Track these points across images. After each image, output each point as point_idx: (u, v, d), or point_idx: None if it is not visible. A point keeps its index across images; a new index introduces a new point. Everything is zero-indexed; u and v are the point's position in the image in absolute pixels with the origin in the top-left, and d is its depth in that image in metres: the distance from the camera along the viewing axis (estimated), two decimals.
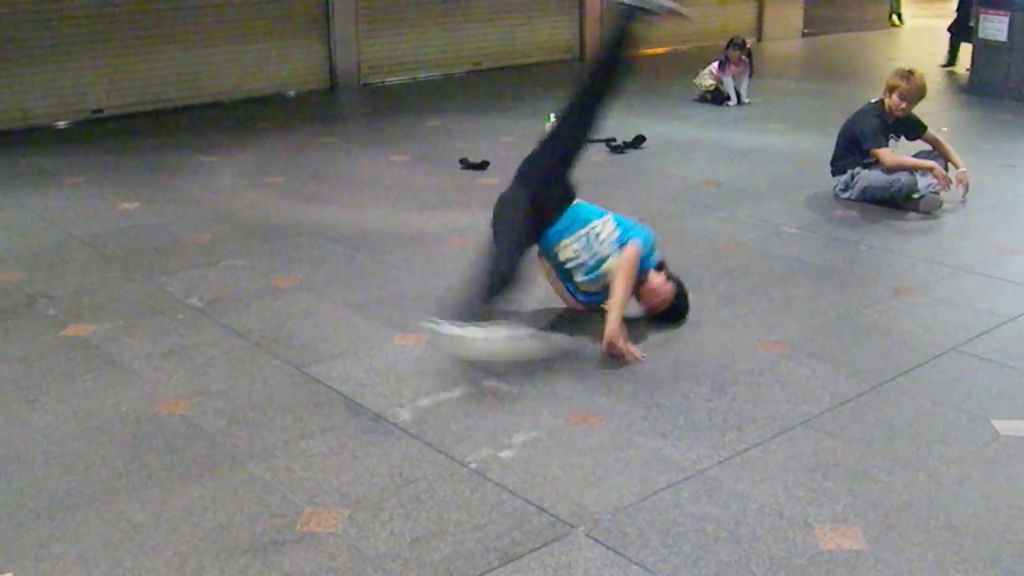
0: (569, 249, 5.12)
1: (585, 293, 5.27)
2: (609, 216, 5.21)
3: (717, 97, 11.57)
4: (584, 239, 5.09)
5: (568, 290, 5.32)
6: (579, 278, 5.17)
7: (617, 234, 5.11)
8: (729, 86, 11.41)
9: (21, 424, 4.29)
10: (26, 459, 3.99)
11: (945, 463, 3.94)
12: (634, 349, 4.86)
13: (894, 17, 20.24)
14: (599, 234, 5.10)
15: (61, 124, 10.89)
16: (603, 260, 5.06)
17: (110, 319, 5.40)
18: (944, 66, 14.66)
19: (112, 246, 6.63)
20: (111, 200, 7.69)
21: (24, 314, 5.51)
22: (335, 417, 4.30)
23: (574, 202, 5.23)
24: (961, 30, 14.40)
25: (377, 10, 13.26)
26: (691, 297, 5.42)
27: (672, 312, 5.28)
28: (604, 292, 5.07)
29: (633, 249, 5.01)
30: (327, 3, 12.69)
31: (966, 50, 13.63)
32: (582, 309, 5.34)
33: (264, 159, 9.04)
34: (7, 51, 10.57)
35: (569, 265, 5.16)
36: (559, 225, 5.12)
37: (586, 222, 5.14)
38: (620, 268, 4.97)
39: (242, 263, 6.24)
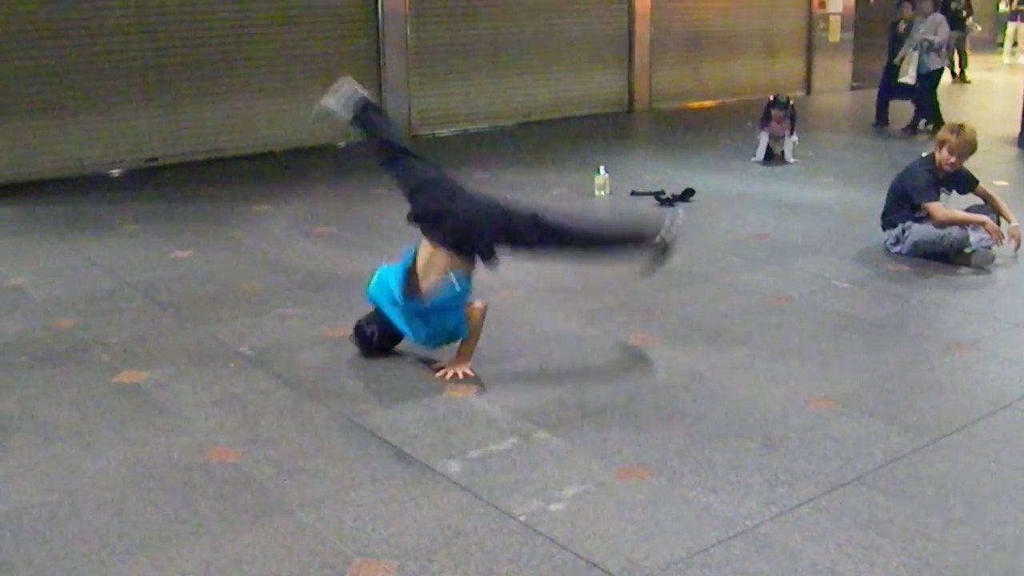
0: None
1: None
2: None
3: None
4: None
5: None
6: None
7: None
8: (762, 143, 11.35)
9: (74, 469, 4.32)
10: (78, 504, 4.02)
11: (1001, 522, 3.89)
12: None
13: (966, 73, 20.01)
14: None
15: (116, 172, 11.06)
16: None
17: (162, 366, 5.45)
18: (875, 125, 14.20)
19: (165, 294, 6.70)
20: (165, 248, 7.78)
21: (78, 360, 5.57)
22: (385, 467, 4.31)
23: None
24: (889, 84, 14.04)
25: (428, 62, 13.39)
26: (743, 351, 5.42)
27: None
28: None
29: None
30: (379, 54, 12.83)
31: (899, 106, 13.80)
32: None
33: (316, 209, 9.12)
34: (64, 100, 10.76)
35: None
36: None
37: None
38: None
39: (293, 312, 6.28)
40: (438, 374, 5.27)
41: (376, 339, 5.48)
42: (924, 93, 13.42)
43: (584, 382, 5.17)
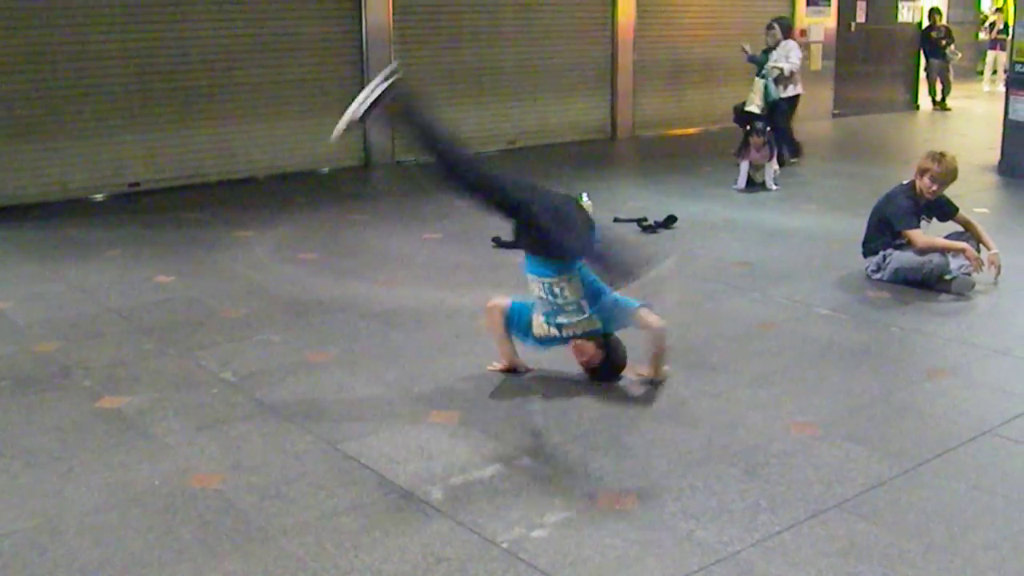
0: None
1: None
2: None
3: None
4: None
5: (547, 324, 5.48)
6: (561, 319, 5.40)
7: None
8: (743, 171, 11.39)
9: (55, 495, 4.31)
10: (59, 530, 4.01)
11: (982, 548, 3.90)
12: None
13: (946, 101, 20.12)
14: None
15: (99, 197, 11.05)
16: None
17: (144, 392, 5.44)
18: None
19: (148, 319, 6.69)
20: (147, 273, 7.78)
21: (60, 385, 5.56)
22: (367, 494, 4.30)
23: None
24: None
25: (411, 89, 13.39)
26: (725, 377, 5.45)
27: (598, 372, 5.54)
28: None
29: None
30: (362, 82, 12.84)
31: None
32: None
33: (299, 235, 9.13)
34: (47, 124, 10.75)
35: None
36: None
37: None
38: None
39: (276, 338, 6.28)
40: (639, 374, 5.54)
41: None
42: (778, 123, 12.81)
43: (566, 408, 5.18)
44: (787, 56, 12.98)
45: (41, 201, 10.63)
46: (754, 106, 12.88)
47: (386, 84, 5.40)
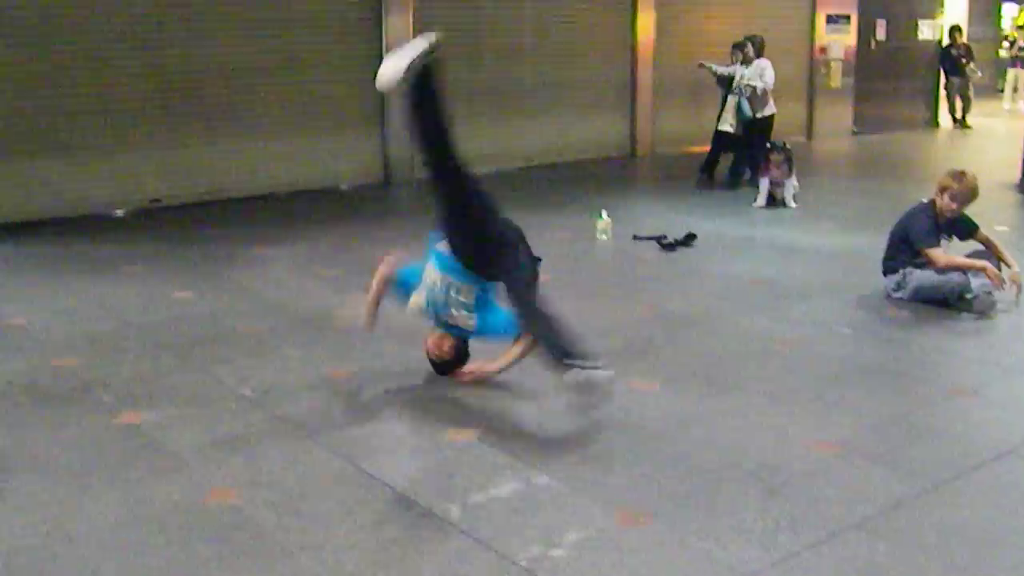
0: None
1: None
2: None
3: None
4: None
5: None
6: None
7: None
8: (763, 188, 11.39)
9: (73, 510, 4.32)
10: (78, 545, 4.01)
11: (1003, 569, 3.87)
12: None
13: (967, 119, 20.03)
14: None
15: (119, 212, 11.09)
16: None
17: (163, 407, 5.45)
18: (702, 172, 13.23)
19: (167, 334, 6.70)
20: (166, 289, 7.80)
21: (79, 400, 5.57)
22: (386, 511, 4.30)
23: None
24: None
25: None
26: (743, 395, 5.45)
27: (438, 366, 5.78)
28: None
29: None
30: (382, 98, 12.88)
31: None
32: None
33: (318, 251, 9.15)
34: (68, 141, 10.81)
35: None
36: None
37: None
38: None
39: (295, 354, 6.29)
40: (463, 375, 5.68)
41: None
42: (753, 141, 12.65)
43: (585, 427, 5.17)
44: (761, 75, 12.79)
45: (62, 216, 10.68)
46: (727, 125, 12.85)
47: (426, 48, 5.43)
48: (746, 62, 12.90)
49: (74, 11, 10.73)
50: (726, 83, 12.99)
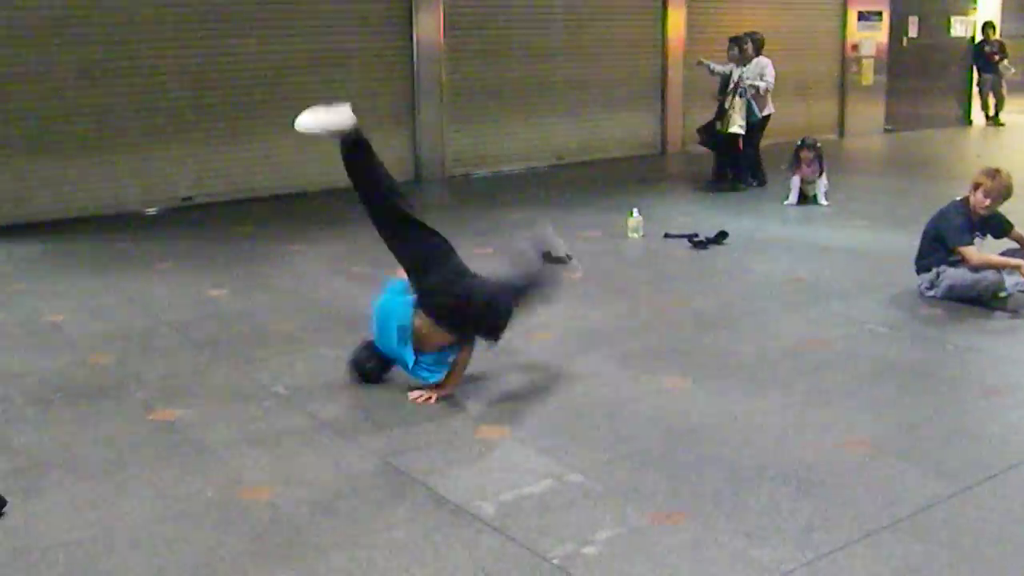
0: None
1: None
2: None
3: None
4: None
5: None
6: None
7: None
8: (794, 186, 11.33)
9: (108, 506, 4.35)
10: (113, 541, 4.04)
11: None
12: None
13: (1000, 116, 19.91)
14: None
15: (152, 211, 11.17)
16: None
17: (197, 404, 5.48)
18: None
19: (200, 332, 6.74)
20: (199, 287, 7.85)
21: (114, 397, 5.61)
22: (418, 508, 4.30)
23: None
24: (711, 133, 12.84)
25: (462, 104, 13.48)
26: (777, 394, 5.44)
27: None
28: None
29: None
30: (413, 96, 12.92)
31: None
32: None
33: (350, 249, 9.17)
34: (101, 139, 10.90)
35: None
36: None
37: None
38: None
39: (328, 352, 6.30)
40: (416, 398, 5.47)
41: (373, 372, 5.71)
42: (750, 142, 12.52)
43: (617, 425, 5.16)
44: (762, 74, 12.45)
45: (95, 214, 10.77)
46: (736, 127, 12.37)
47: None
48: (745, 61, 12.55)
49: (106, 12, 10.79)
50: (725, 80, 12.68)
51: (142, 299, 7.54)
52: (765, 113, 12.64)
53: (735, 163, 12.62)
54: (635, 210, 9.61)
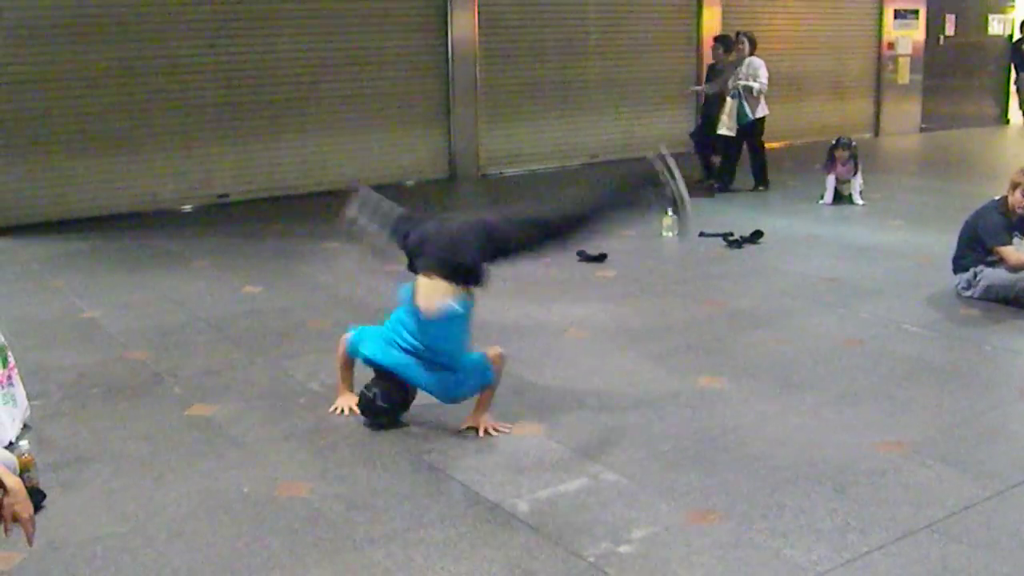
0: None
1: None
2: None
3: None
4: None
5: None
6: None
7: None
8: (829, 185, 11.27)
9: (145, 501, 4.38)
10: (151, 535, 4.07)
11: None
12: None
13: None
14: None
15: (187, 208, 11.24)
16: None
17: (233, 400, 5.51)
18: (700, 182, 12.34)
19: (236, 329, 6.78)
20: (236, 283, 7.89)
21: (151, 392, 5.65)
22: (454, 506, 4.32)
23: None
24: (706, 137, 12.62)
25: (496, 103, 13.50)
26: (812, 394, 5.43)
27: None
28: None
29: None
30: (448, 95, 12.95)
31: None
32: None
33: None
34: (138, 137, 10.97)
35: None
36: None
37: None
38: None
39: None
40: (473, 427, 5.11)
41: (380, 399, 5.10)
42: (751, 146, 12.34)
43: (652, 424, 5.16)
44: (755, 75, 12.07)
45: (132, 211, 10.85)
46: (726, 129, 12.10)
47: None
48: (739, 61, 12.19)
49: (143, 10, 10.87)
50: (717, 96, 12.33)
51: (179, 296, 7.59)
52: (759, 115, 12.25)
53: (722, 166, 12.42)
54: (670, 209, 9.57)
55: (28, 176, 10.50)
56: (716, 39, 12.65)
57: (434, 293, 5.08)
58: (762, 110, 12.28)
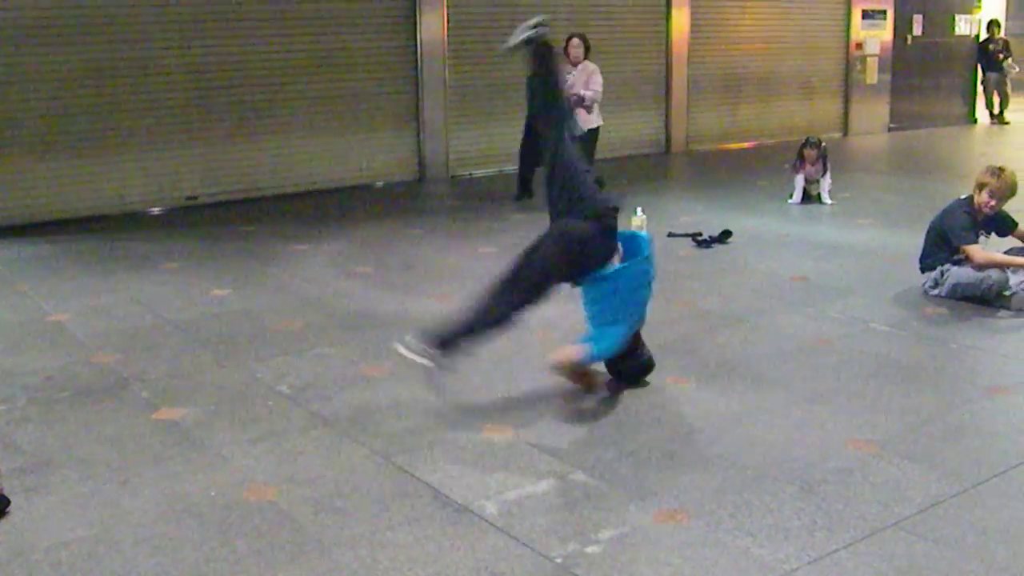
0: None
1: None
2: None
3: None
4: None
5: None
6: None
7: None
8: (798, 185, 11.29)
9: (112, 506, 4.35)
10: (116, 540, 4.04)
11: None
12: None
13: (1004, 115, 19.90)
14: None
15: (156, 210, 11.18)
16: None
17: (201, 404, 5.49)
18: (517, 198, 11.64)
19: (204, 331, 6.75)
20: (204, 286, 7.85)
21: (117, 396, 5.61)
22: (421, 508, 4.31)
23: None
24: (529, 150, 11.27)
25: (465, 103, 13.49)
26: (780, 393, 5.45)
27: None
28: None
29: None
30: (417, 96, 12.93)
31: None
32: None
33: (354, 248, 9.18)
34: (106, 138, 10.91)
35: None
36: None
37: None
38: None
39: (332, 351, 6.31)
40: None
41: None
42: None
43: (621, 424, 5.16)
44: (588, 82, 11.15)
45: (99, 214, 10.78)
46: None
47: (533, 31, 5.70)
48: (572, 62, 11.20)
49: (112, 11, 10.80)
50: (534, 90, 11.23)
51: (146, 299, 7.55)
52: (594, 125, 11.31)
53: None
54: (639, 209, 9.59)
55: None
56: (558, 42, 10.71)
57: None
58: (595, 120, 11.39)
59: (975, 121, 20.16)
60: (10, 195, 10.47)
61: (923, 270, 7.52)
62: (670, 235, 9.44)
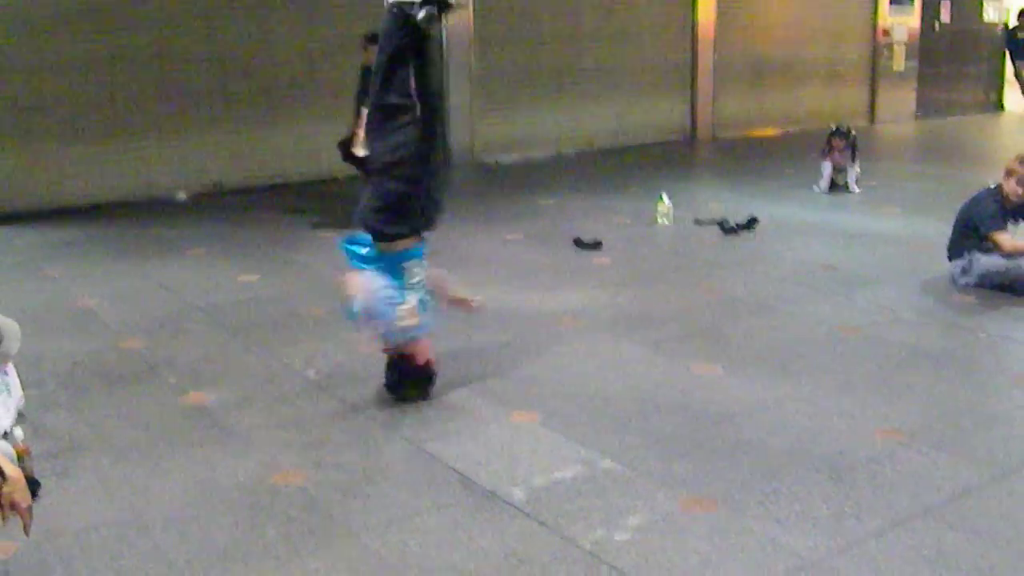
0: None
1: None
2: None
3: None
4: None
5: None
6: None
7: None
8: (825, 173, 11.23)
9: (141, 490, 4.38)
10: (146, 524, 4.07)
11: None
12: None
13: None
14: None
15: (182, 196, 11.23)
16: None
17: (229, 389, 5.51)
18: None
19: (232, 317, 6.77)
20: (231, 272, 7.88)
21: (146, 381, 5.64)
22: (449, 494, 4.31)
23: None
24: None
25: (492, 90, 13.47)
26: (808, 382, 5.44)
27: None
28: None
29: None
30: (443, 83, 12.90)
31: None
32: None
33: None
34: (132, 125, 10.93)
35: None
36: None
37: None
38: None
39: (359, 337, 6.30)
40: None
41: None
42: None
43: (649, 411, 5.16)
44: None
45: (126, 200, 10.81)
46: (362, 148, 9.13)
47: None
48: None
49: None
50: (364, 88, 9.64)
51: (173, 284, 7.58)
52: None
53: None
54: (665, 196, 9.59)
55: (22, 165, 10.46)
56: (367, 37, 9.36)
57: None
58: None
59: (1003, 109, 20.01)
60: (38, 181, 10.52)
61: (951, 258, 7.48)
62: (696, 222, 9.41)
